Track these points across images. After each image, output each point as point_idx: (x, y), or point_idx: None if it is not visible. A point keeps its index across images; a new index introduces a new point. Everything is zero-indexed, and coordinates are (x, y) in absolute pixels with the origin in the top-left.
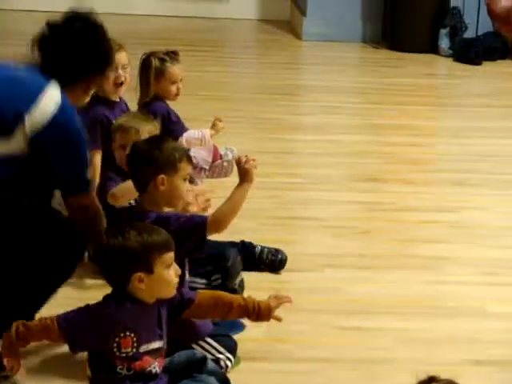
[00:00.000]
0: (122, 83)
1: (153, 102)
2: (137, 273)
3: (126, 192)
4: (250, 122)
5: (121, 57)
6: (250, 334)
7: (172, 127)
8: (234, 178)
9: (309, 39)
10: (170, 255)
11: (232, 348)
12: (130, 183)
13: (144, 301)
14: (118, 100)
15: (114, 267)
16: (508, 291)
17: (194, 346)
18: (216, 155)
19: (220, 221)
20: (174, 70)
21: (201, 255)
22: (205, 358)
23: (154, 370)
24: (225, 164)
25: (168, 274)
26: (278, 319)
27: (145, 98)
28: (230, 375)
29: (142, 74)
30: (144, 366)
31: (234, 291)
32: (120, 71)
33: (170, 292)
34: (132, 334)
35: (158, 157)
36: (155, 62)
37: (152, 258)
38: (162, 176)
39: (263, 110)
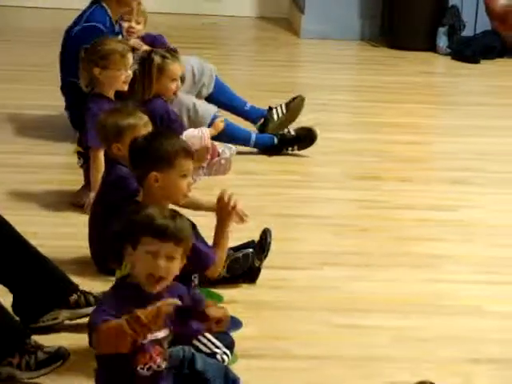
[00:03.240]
0: (128, 81)
1: (152, 100)
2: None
3: None
4: None
5: (131, 57)
6: (248, 332)
7: (171, 126)
8: (231, 176)
9: (307, 37)
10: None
11: (229, 344)
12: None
13: None
14: (113, 97)
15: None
16: (505, 290)
17: (195, 341)
18: (214, 153)
19: (217, 271)
20: (175, 67)
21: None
22: (194, 355)
23: (163, 365)
24: (222, 162)
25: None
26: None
27: (147, 96)
28: None
29: (143, 71)
30: (155, 359)
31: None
32: (129, 70)
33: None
34: None
35: (151, 153)
36: (157, 59)
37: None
38: (155, 173)
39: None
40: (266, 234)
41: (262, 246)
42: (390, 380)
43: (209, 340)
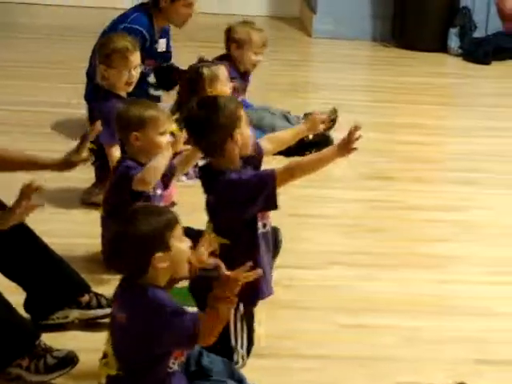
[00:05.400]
0: (132, 82)
1: None
2: (156, 254)
3: (152, 172)
4: None
5: (136, 58)
6: (256, 331)
7: None
8: None
9: (319, 36)
10: (179, 228)
11: (249, 348)
12: (151, 163)
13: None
14: (125, 96)
15: (132, 255)
16: None
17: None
18: None
19: (297, 168)
20: (223, 70)
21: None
22: (200, 352)
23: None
24: None
25: (183, 246)
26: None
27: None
28: None
29: (193, 87)
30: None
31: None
32: (133, 72)
33: (185, 270)
34: None
35: (219, 117)
36: (205, 71)
37: (166, 236)
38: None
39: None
40: (275, 234)
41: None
42: (397, 380)
43: (242, 334)
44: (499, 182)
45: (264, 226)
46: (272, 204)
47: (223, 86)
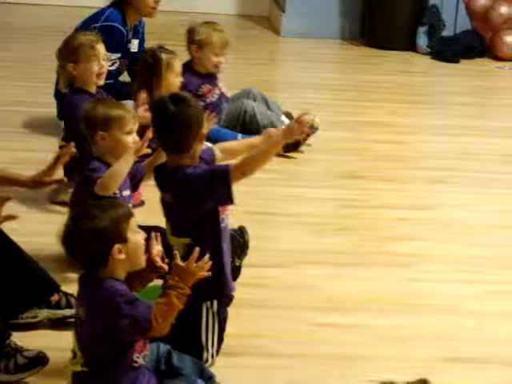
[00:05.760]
0: (103, 73)
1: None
2: (115, 245)
3: (113, 178)
4: None
5: (102, 48)
6: (227, 330)
7: None
8: None
9: (287, 35)
10: (134, 221)
11: (219, 347)
12: (112, 168)
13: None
14: (94, 92)
15: (92, 248)
16: (483, 289)
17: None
18: None
19: (245, 164)
20: (178, 63)
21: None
22: (170, 352)
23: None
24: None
25: (139, 238)
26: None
27: (158, 92)
28: None
29: (148, 70)
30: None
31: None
32: (102, 62)
33: (142, 261)
34: None
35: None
36: (163, 56)
37: (123, 228)
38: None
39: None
40: (242, 233)
41: (239, 244)
42: (369, 378)
43: (214, 330)
44: (469, 180)
45: (223, 220)
46: (228, 198)
47: (176, 77)
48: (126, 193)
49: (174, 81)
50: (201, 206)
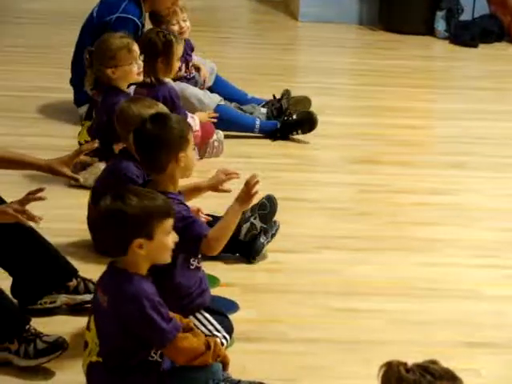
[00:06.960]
0: (142, 71)
1: (161, 85)
2: (137, 239)
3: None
4: None
5: (137, 47)
6: (244, 315)
7: (175, 112)
8: (230, 159)
9: (305, 20)
10: (170, 222)
11: (229, 329)
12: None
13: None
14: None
15: (114, 233)
16: (503, 274)
17: (191, 317)
18: (209, 134)
19: (213, 247)
20: (181, 47)
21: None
22: None
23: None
24: (216, 144)
25: (167, 241)
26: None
27: (169, 76)
28: None
29: (160, 53)
30: None
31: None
32: (139, 61)
33: (167, 259)
34: None
35: (170, 136)
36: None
37: (153, 225)
38: (183, 154)
39: (258, 90)
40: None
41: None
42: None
43: (209, 321)
44: (487, 165)
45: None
46: (193, 254)
47: (178, 61)
48: None
49: (176, 64)
50: None
